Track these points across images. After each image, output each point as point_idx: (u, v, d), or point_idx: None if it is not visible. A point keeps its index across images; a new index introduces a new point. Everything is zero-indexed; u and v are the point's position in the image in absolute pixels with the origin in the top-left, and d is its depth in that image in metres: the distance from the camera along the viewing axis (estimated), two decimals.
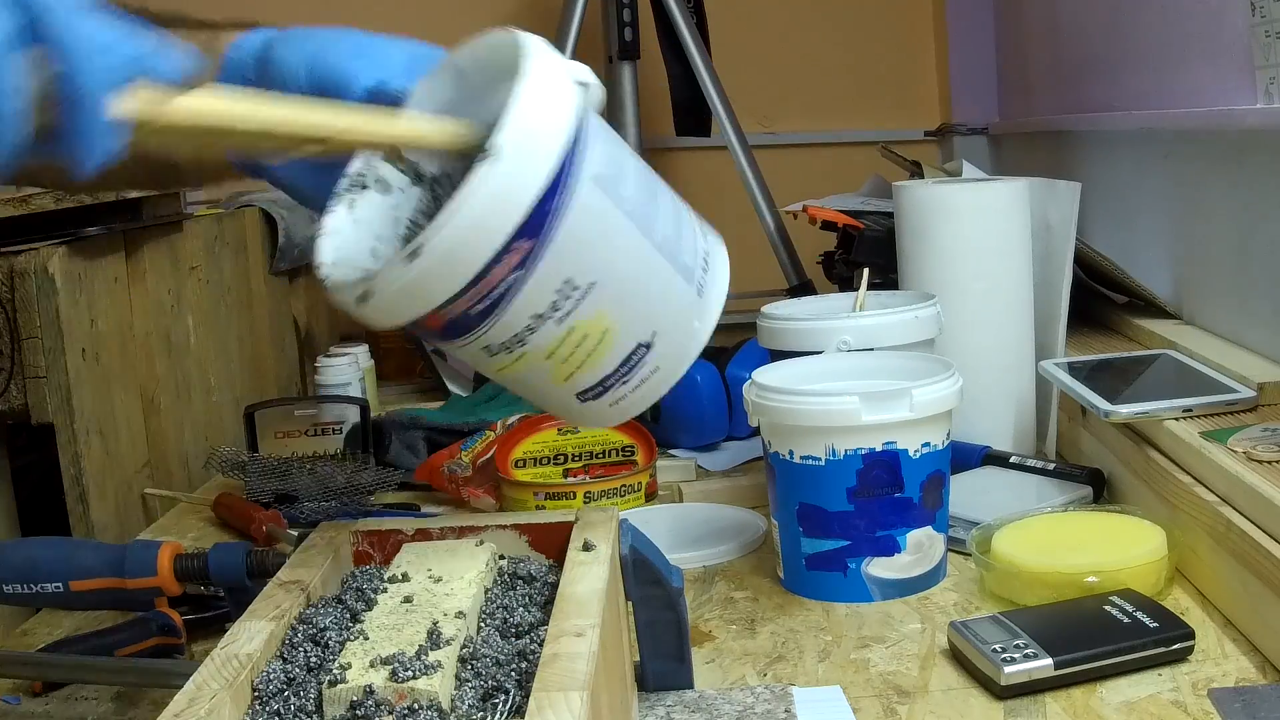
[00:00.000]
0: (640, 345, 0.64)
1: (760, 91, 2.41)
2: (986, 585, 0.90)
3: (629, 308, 0.63)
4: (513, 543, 0.68)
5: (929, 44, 2.49)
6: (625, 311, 0.63)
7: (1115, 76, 1.53)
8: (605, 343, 0.63)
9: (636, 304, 0.63)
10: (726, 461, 1.27)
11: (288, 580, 0.62)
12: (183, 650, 0.89)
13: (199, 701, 0.50)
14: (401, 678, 0.51)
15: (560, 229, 0.58)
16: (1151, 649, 0.75)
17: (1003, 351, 1.16)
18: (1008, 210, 1.16)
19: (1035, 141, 1.96)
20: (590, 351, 0.63)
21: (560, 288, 0.60)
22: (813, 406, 0.88)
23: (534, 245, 0.58)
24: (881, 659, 0.81)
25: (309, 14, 2.55)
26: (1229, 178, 1.18)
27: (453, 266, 0.57)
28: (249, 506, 1.16)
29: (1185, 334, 1.22)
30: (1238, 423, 0.93)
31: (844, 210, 1.51)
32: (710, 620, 0.89)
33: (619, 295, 0.62)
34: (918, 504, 0.89)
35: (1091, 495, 1.03)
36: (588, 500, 1.13)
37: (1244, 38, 1.10)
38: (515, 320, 0.60)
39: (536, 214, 0.57)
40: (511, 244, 0.57)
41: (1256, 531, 0.78)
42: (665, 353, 0.65)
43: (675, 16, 2.08)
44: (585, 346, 0.62)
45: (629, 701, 0.70)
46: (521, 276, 0.58)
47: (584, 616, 0.55)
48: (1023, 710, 0.73)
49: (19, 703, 0.84)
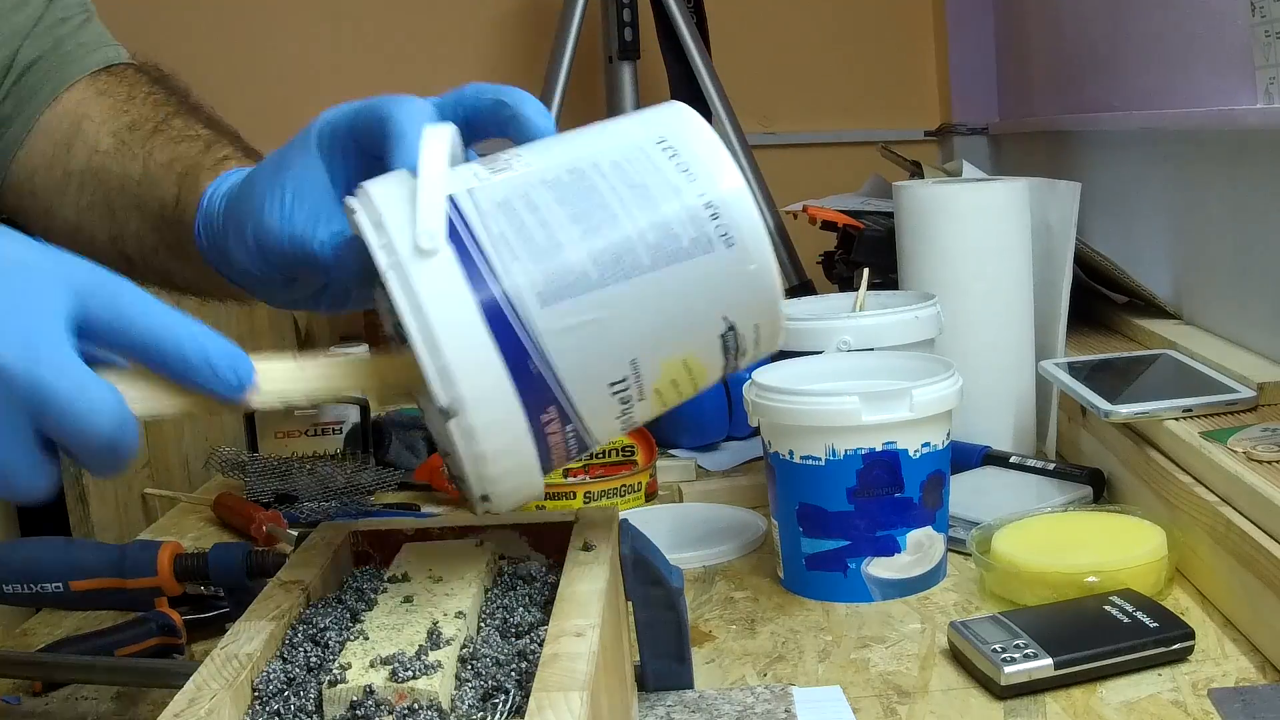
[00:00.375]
0: (722, 335, 0.58)
1: (760, 91, 2.41)
2: (986, 585, 0.90)
3: (683, 329, 0.57)
4: (513, 543, 0.68)
5: (929, 44, 2.49)
6: (684, 335, 0.57)
7: (1115, 76, 1.53)
8: (694, 367, 0.58)
9: (686, 319, 0.56)
10: (726, 461, 1.27)
11: (288, 580, 0.62)
12: (183, 650, 0.89)
13: (199, 701, 0.50)
14: (401, 678, 0.51)
15: (561, 372, 0.54)
16: (1151, 649, 0.75)
17: (1003, 351, 1.16)
18: (1008, 210, 1.16)
19: (1035, 141, 1.96)
20: (691, 380, 0.58)
21: (615, 391, 0.56)
22: (813, 406, 0.88)
23: (556, 406, 0.54)
24: (881, 659, 0.81)
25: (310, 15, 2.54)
26: (1229, 178, 1.18)
27: (518, 477, 0.55)
28: (249, 506, 1.16)
29: (1185, 334, 1.22)
30: (1238, 423, 0.93)
31: (844, 210, 1.52)
32: (710, 620, 0.89)
33: (664, 335, 0.56)
34: (918, 504, 0.89)
35: (1091, 495, 1.03)
36: (588, 500, 1.13)
37: (1244, 38, 1.10)
38: (608, 431, 0.57)
39: (529, 393, 0.53)
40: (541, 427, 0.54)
41: (1256, 531, 0.78)
42: (749, 313, 0.58)
43: (675, 16, 2.08)
44: (682, 382, 0.58)
45: (629, 701, 0.70)
46: (574, 425, 0.55)
47: (584, 616, 0.55)
48: (1023, 710, 0.73)
49: (19, 703, 0.84)
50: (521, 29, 2.44)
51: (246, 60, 2.38)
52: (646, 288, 0.55)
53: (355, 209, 0.56)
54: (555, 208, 0.55)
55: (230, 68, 2.30)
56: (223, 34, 2.39)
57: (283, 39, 2.42)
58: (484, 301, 0.52)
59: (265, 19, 2.42)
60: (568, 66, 2.09)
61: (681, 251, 0.55)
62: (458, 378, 0.52)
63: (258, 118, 0.83)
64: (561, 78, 2.09)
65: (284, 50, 2.42)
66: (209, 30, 2.38)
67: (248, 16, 2.41)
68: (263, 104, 2.23)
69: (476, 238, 0.53)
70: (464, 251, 0.53)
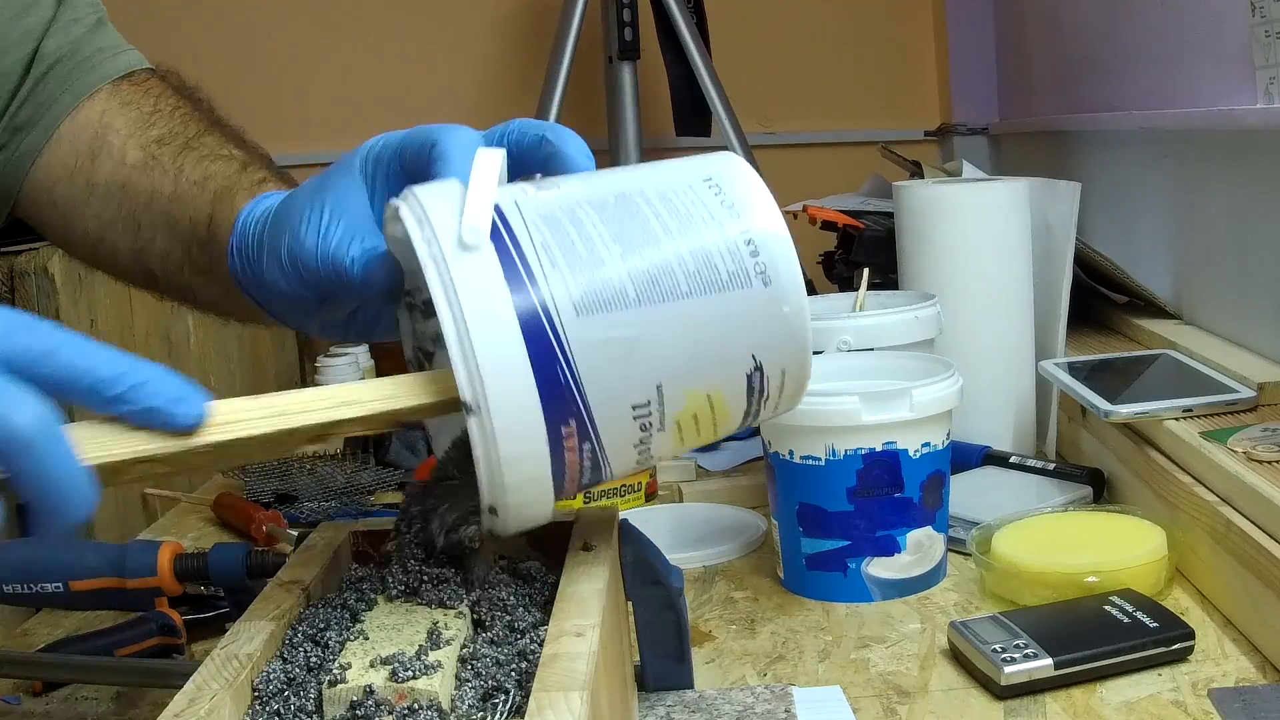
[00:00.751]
0: (749, 374, 0.58)
1: (760, 91, 2.41)
2: (986, 585, 0.90)
3: (712, 361, 0.56)
4: (513, 543, 0.68)
5: (929, 44, 2.49)
6: (712, 367, 0.56)
7: (1115, 76, 1.53)
8: (717, 404, 0.57)
9: (716, 351, 0.56)
10: (726, 461, 1.27)
11: (288, 580, 0.62)
12: (183, 650, 0.89)
13: (199, 701, 0.50)
14: (401, 678, 0.51)
15: (587, 384, 0.53)
16: (1151, 649, 0.75)
17: (1003, 351, 1.16)
18: (1008, 210, 1.16)
19: (1035, 141, 1.96)
20: (712, 418, 0.58)
21: (636, 415, 0.55)
22: (813, 406, 0.88)
23: (577, 420, 0.53)
24: (881, 659, 0.81)
25: (310, 15, 2.54)
26: (1229, 178, 1.18)
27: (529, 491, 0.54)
28: (249, 506, 1.16)
29: (1185, 334, 1.22)
30: (1238, 423, 0.93)
31: (844, 210, 1.51)
32: (710, 620, 0.89)
33: (692, 364, 0.56)
34: (918, 504, 0.89)
35: (1091, 495, 1.03)
36: (588, 500, 1.13)
37: (1244, 38, 1.10)
38: (624, 461, 0.57)
39: (553, 402, 0.53)
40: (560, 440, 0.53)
41: (1256, 531, 0.78)
42: (778, 356, 0.58)
43: (675, 16, 2.08)
44: (703, 418, 0.57)
45: (629, 701, 0.70)
46: (592, 444, 0.54)
47: (584, 616, 0.55)
48: (1023, 710, 0.73)
49: (19, 703, 0.84)
50: (521, 29, 2.44)
51: (245, 59, 2.38)
52: (681, 313, 0.55)
53: (399, 204, 0.56)
54: (599, 225, 0.55)
55: (229, 67, 2.30)
56: (222, 33, 2.39)
57: (282, 38, 2.42)
58: (520, 303, 0.52)
59: (265, 18, 2.42)
60: (568, 66, 2.10)
61: (719, 283, 0.56)
62: (486, 375, 0.52)
63: (258, 118, 0.83)
64: (561, 78, 2.09)
65: (283, 50, 2.42)
66: (208, 30, 2.38)
67: (246, 14, 2.41)
68: (263, 104, 2.24)
69: (519, 243, 0.54)
70: (505, 253, 0.53)
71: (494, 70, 2.45)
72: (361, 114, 2.33)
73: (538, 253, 0.54)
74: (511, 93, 2.41)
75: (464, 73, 2.45)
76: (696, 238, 0.56)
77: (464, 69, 2.44)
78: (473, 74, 2.45)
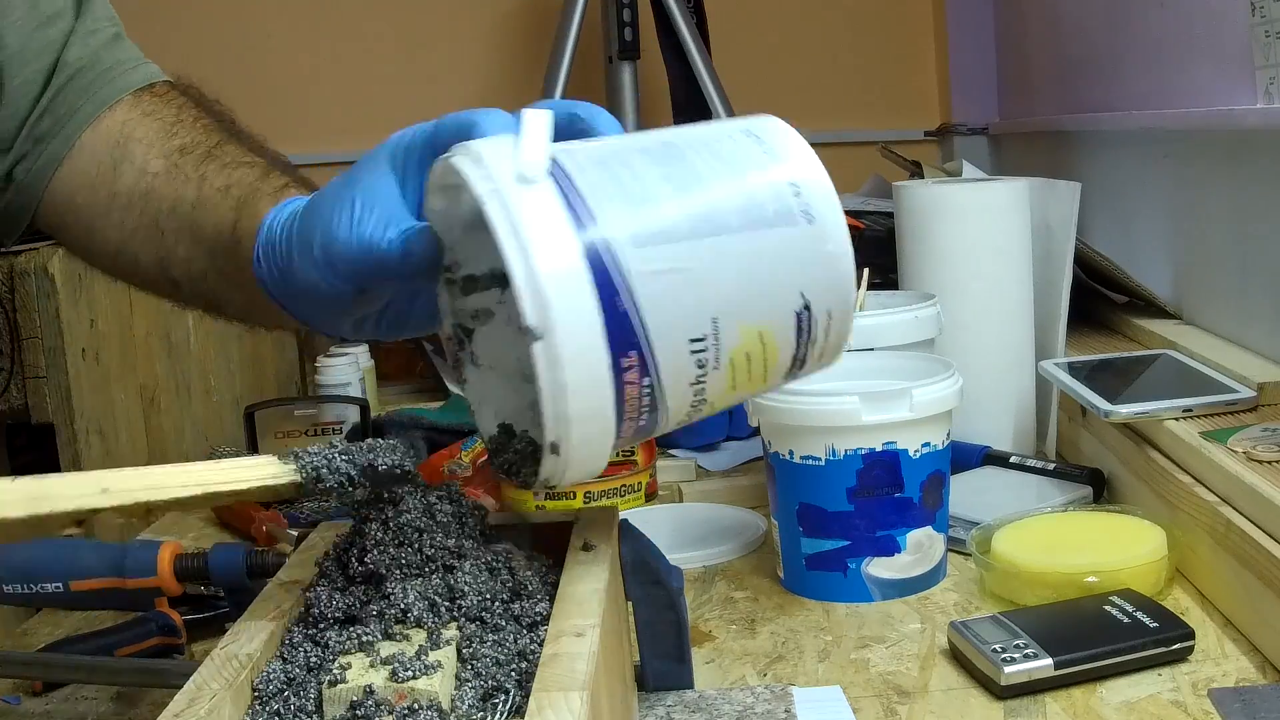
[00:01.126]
0: (798, 312, 0.59)
1: (760, 92, 2.41)
2: (986, 585, 0.90)
3: (763, 296, 0.58)
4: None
5: (929, 44, 2.49)
6: (763, 301, 0.58)
7: (1115, 76, 1.53)
8: (768, 343, 0.59)
9: (767, 286, 0.58)
10: (726, 461, 1.27)
11: (288, 580, 0.62)
12: (183, 650, 0.89)
13: (199, 701, 0.50)
14: (401, 678, 0.51)
15: (647, 315, 0.54)
16: (1151, 649, 0.75)
17: (1003, 351, 1.16)
18: (1008, 210, 1.16)
19: (1035, 141, 1.96)
20: (763, 358, 0.59)
21: (694, 350, 0.56)
22: (813, 406, 0.88)
23: (638, 352, 0.54)
24: (881, 659, 0.81)
25: (309, 16, 2.54)
26: (1229, 178, 1.18)
27: (591, 426, 0.54)
28: (249, 506, 1.16)
29: (1185, 334, 1.22)
30: (1238, 423, 0.93)
31: (844, 210, 1.51)
32: (710, 620, 0.89)
33: (745, 298, 0.57)
34: (918, 504, 0.89)
35: (1091, 495, 1.03)
36: (588, 500, 1.13)
37: (1244, 38, 1.10)
38: (680, 400, 0.57)
39: (616, 331, 0.53)
40: (621, 371, 0.54)
41: (1256, 531, 0.78)
42: (825, 295, 0.60)
43: (675, 16, 2.08)
44: (754, 358, 0.59)
45: (629, 701, 0.70)
46: (652, 379, 0.55)
47: (584, 616, 0.55)
48: (1023, 710, 0.73)
49: (19, 703, 0.84)
50: (521, 29, 2.44)
51: (245, 60, 2.38)
52: (733, 247, 0.57)
53: (450, 157, 0.57)
54: (649, 167, 0.57)
55: (229, 66, 2.30)
56: (222, 33, 2.38)
57: (282, 38, 2.42)
58: (580, 234, 0.54)
59: (264, 17, 2.42)
60: (568, 66, 2.09)
61: (766, 219, 0.58)
62: (551, 299, 0.52)
63: (258, 118, 0.83)
64: (561, 78, 2.09)
65: (282, 50, 2.42)
66: (208, 30, 2.38)
67: (246, 14, 2.41)
68: (262, 104, 2.23)
69: (574, 181, 0.55)
70: (562, 189, 0.55)
71: (494, 70, 2.45)
72: (361, 114, 2.33)
73: (594, 189, 0.55)
74: (512, 93, 2.40)
75: (464, 73, 2.44)
76: (742, 179, 0.59)
77: (464, 69, 2.44)
78: (473, 74, 2.45)
